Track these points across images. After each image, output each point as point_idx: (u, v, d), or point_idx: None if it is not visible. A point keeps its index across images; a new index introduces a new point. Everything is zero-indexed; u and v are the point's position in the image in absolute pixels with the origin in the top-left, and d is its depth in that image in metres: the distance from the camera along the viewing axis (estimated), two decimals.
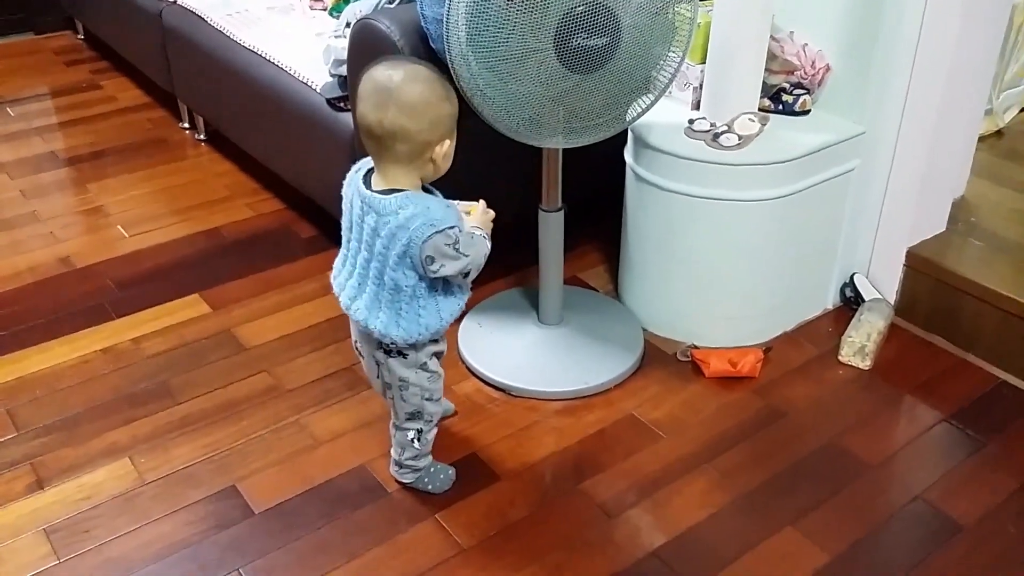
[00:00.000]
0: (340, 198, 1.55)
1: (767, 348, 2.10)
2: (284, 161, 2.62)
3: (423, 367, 1.59)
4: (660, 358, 2.10)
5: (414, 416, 1.65)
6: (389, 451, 1.75)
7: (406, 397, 1.62)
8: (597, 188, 2.45)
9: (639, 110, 1.83)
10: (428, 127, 1.41)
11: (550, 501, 1.73)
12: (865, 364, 2.08)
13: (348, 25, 2.51)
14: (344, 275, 1.56)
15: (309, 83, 2.35)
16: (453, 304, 1.55)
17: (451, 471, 1.76)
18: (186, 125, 3.26)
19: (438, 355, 1.62)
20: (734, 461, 1.82)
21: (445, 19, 1.61)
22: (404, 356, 1.57)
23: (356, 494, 1.74)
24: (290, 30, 2.71)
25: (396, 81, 1.40)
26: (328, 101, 2.29)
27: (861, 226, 2.21)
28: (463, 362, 2.08)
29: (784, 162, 1.96)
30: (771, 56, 2.08)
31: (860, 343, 2.09)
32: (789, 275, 2.13)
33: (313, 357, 2.10)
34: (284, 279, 2.40)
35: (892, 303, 2.21)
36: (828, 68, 2.10)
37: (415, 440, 1.68)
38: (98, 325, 2.22)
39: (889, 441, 1.88)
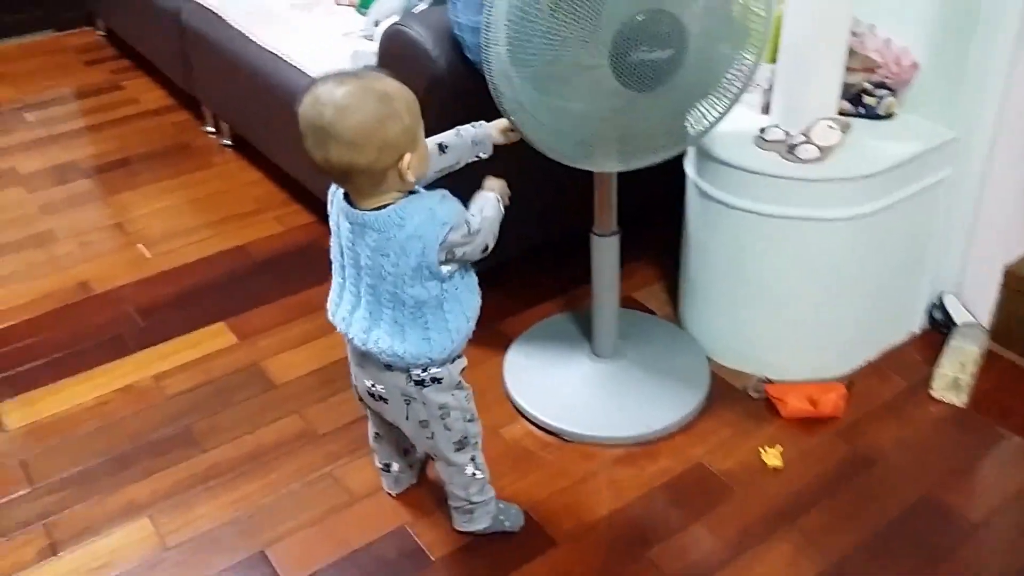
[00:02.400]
0: None
1: (849, 382, 1.89)
2: (309, 171, 2.43)
3: (459, 386, 1.46)
4: (729, 394, 1.90)
5: (462, 445, 1.50)
6: (447, 507, 1.60)
7: (450, 425, 1.47)
8: (652, 199, 2.24)
9: (707, 123, 1.61)
10: (377, 155, 1.24)
11: (615, 574, 1.54)
12: (961, 400, 1.86)
13: (377, 24, 2.31)
14: (347, 307, 1.41)
15: None
16: (473, 300, 1.41)
17: (518, 508, 1.64)
18: (210, 129, 3.09)
19: (464, 370, 1.48)
20: (820, 521, 1.61)
21: (484, 29, 1.41)
22: (439, 381, 1.41)
23: (396, 562, 1.57)
24: (314, 29, 2.51)
25: (328, 117, 1.22)
26: None
27: (952, 241, 1.98)
28: (510, 400, 1.89)
29: (869, 176, 1.74)
30: (850, 53, 1.85)
31: (954, 375, 1.87)
32: (873, 298, 1.91)
33: (347, 396, 1.91)
34: (314, 303, 2.22)
35: (987, 327, 1.99)
36: (915, 66, 1.87)
37: (475, 472, 1.54)
38: (117, 360, 2.06)
39: (993, 494, 1.67)
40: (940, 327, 2.02)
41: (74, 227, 2.59)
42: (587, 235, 1.81)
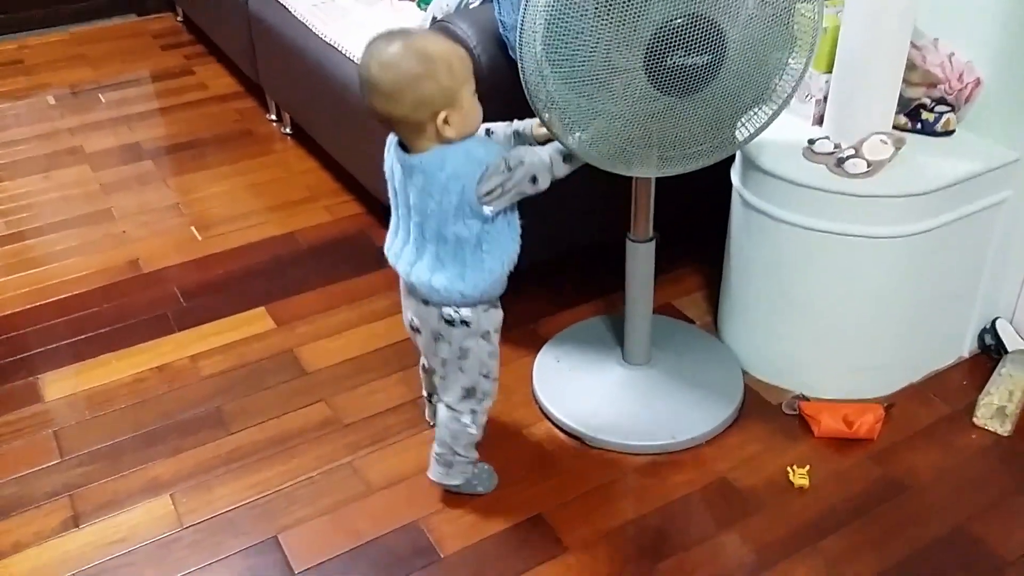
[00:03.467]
0: None
1: (889, 404, 1.82)
2: (361, 164, 2.45)
3: (485, 336, 1.54)
4: (762, 409, 1.85)
5: (469, 393, 1.58)
6: (433, 456, 1.65)
7: (464, 368, 1.55)
8: (701, 206, 2.20)
9: (754, 128, 1.56)
10: (412, 109, 1.36)
11: None
12: (1005, 429, 1.78)
13: (435, 20, 2.31)
14: (399, 243, 1.53)
15: None
16: (512, 246, 1.50)
17: (490, 468, 1.70)
18: (273, 117, 3.14)
19: (498, 329, 1.56)
20: (843, 545, 1.56)
21: (519, 27, 1.39)
22: (467, 324, 1.51)
23: (407, 557, 1.56)
24: (374, 23, 2.52)
25: (372, 71, 1.35)
26: None
27: (1008, 265, 1.89)
28: (537, 402, 1.87)
29: (922, 194, 1.67)
30: (910, 66, 1.78)
31: (999, 404, 1.79)
32: (920, 320, 1.84)
33: (376, 387, 1.93)
34: (355, 293, 2.23)
35: None
36: (978, 83, 1.79)
37: (470, 425, 1.60)
38: (158, 338, 2.10)
39: None
40: (991, 353, 1.94)
41: (132, 206, 2.65)
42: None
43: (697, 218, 2.25)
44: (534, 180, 1.44)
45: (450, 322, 1.50)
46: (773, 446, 1.76)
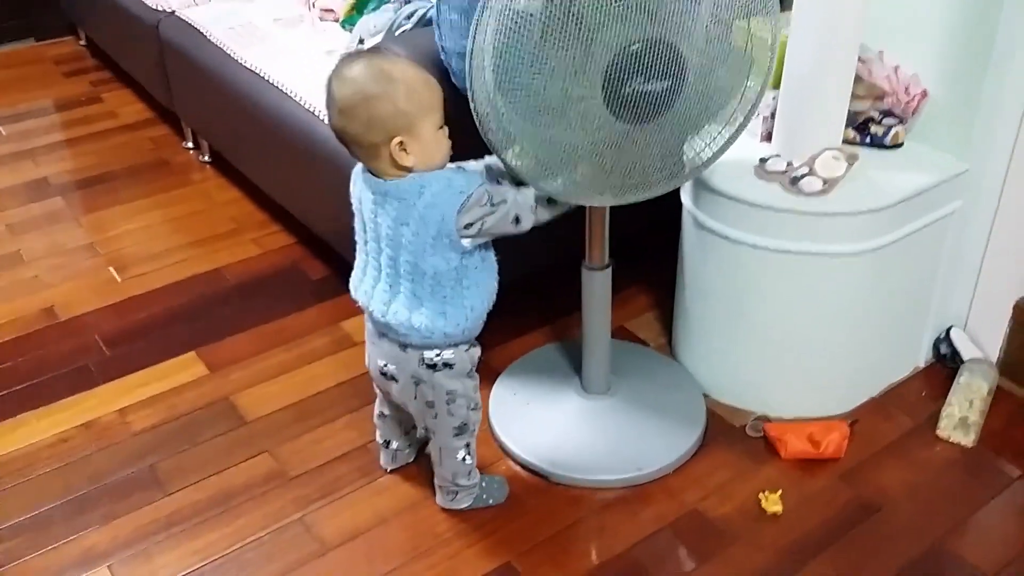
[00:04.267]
0: (350, 236, 1.46)
1: (853, 420, 1.80)
2: (290, 195, 2.34)
3: (469, 375, 1.50)
4: (726, 433, 1.80)
5: (461, 431, 1.54)
6: (434, 490, 1.64)
7: (453, 411, 1.51)
8: (648, 224, 2.15)
9: (708, 156, 1.51)
10: (364, 129, 1.31)
11: None
12: (969, 440, 1.77)
13: (361, 42, 2.22)
14: (369, 282, 1.45)
15: (315, 112, 2.06)
16: (492, 283, 1.46)
17: (501, 478, 1.68)
18: (190, 145, 2.98)
19: (476, 362, 1.52)
20: (824, 572, 1.51)
21: (468, 55, 1.31)
22: (451, 367, 1.45)
23: None
24: (297, 46, 2.42)
25: (332, 85, 1.32)
26: None
27: (960, 274, 1.89)
28: (495, 439, 1.79)
29: (878, 210, 1.64)
30: (856, 79, 1.76)
31: (961, 414, 1.77)
32: (877, 334, 1.82)
33: (321, 433, 1.82)
34: (291, 332, 2.11)
35: (995, 362, 1.90)
36: (925, 94, 1.78)
37: (465, 457, 1.58)
38: (81, 393, 1.95)
39: (1006, 543, 1.57)
40: (946, 361, 1.93)
41: (43, 248, 2.48)
42: (579, 262, 1.71)
43: (648, 236, 2.19)
44: (517, 220, 1.39)
45: (432, 366, 1.45)
46: (741, 471, 1.71)
